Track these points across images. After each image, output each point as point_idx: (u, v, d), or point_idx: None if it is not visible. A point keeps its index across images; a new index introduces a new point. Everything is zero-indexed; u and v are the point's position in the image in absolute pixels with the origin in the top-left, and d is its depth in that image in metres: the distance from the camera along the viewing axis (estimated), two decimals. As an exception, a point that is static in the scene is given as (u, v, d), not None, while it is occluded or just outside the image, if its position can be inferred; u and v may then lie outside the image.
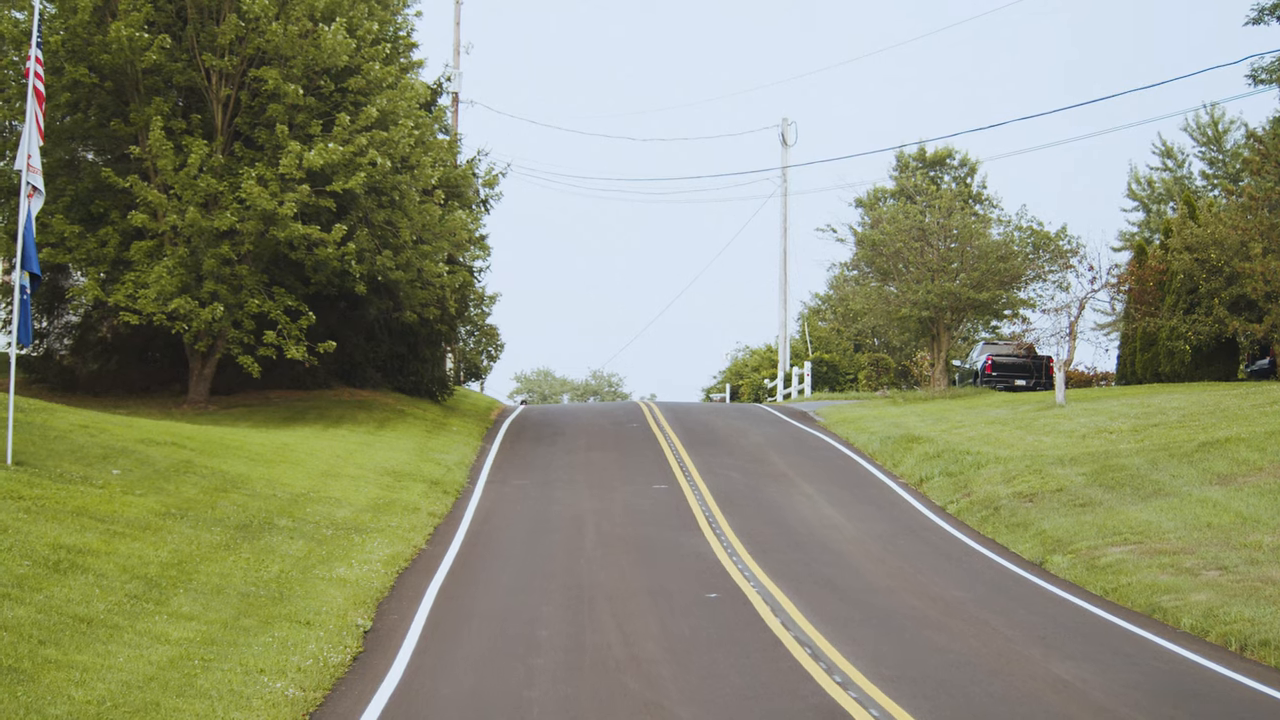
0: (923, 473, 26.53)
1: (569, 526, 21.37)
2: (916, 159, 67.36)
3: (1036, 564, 19.58)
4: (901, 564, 19.17)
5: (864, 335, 64.90)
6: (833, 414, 38.03)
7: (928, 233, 45.00)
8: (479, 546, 19.95)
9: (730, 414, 39.26)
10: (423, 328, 36.77)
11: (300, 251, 30.24)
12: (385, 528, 20.08)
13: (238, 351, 30.50)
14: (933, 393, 41.90)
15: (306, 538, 18.45)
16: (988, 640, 14.80)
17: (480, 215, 39.31)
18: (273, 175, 29.85)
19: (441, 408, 37.31)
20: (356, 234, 30.75)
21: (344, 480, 23.24)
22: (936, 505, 24.37)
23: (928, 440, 29.54)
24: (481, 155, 40.41)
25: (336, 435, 28.60)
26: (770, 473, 27.14)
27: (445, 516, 22.39)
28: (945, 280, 43.83)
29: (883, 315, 46.68)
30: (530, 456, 29.61)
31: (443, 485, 24.71)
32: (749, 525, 21.56)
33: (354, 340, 36.01)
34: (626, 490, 24.88)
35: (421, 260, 32.23)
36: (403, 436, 29.98)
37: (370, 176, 30.33)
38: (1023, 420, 31.53)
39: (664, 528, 21.33)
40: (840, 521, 22.19)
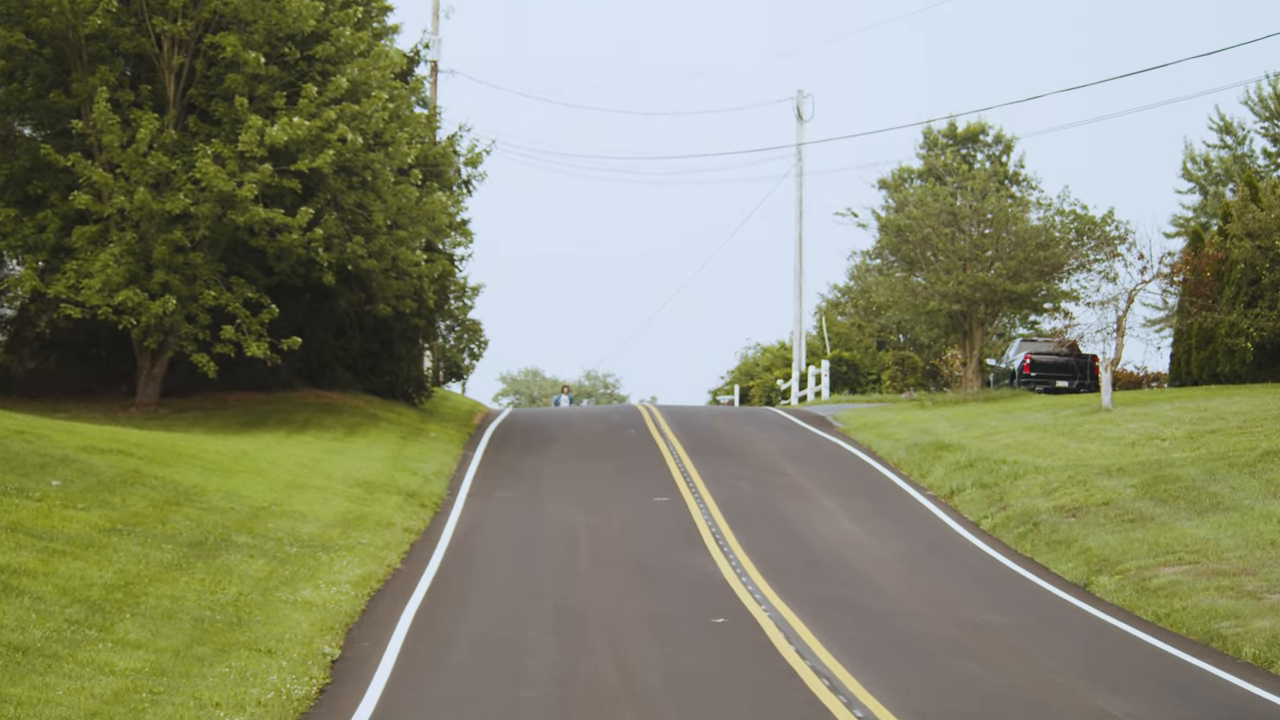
0: (953, 484, 26.51)
1: (560, 543, 21.34)
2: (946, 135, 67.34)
3: (1080, 586, 19.55)
4: (930, 585, 19.13)
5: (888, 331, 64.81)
6: (853, 418, 38.00)
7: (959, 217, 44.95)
8: (460, 566, 19.91)
9: (739, 418, 39.22)
10: (398, 322, 36.70)
11: (262, 238, 30.20)
12: (356, 545, 20.05)
13: (192, 349, 30.46)
14: (964, 395, 41.87)
15: (268, 556, 18.41)
16: (1026, 671, 14.76)
17: (462, 197, 39.28)
18: (231, 153, 29.80)
19: (419, 411, 37.28)
20: (324, 218, 30.71)
21: (310, 492, 23.21)
22: (969, 520, 24.35)
23: (959, 448, 29.51)
24: (463, 131, 40.40)
25: (301, 442, 28.56)
26: (784, 484, 27.11)
27: (423, 532, 22.37)
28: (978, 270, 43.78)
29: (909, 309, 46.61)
30: (517, 466, 29.58)
31: (420, 498, 24.67)
32: (760, 542, 21.52)
33: (321, 336, 35.95)
34: (624, 503, 24.85)
35: (396, 247, 32.19)
36: (375, 443, 29.94)
37: (340, 154, 30.28)
38: (1065, 426, 31.49)
39: (666, 545, 21.30)
40: (862, 538, 22.16)
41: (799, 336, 56.62)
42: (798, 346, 56.49)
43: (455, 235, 38.69)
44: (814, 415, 40.28)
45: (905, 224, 45.55)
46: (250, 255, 31.69)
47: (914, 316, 48.97)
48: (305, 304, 35.03)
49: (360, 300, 34.72)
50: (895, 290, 46.35)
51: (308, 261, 30.93)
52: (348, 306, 35.15)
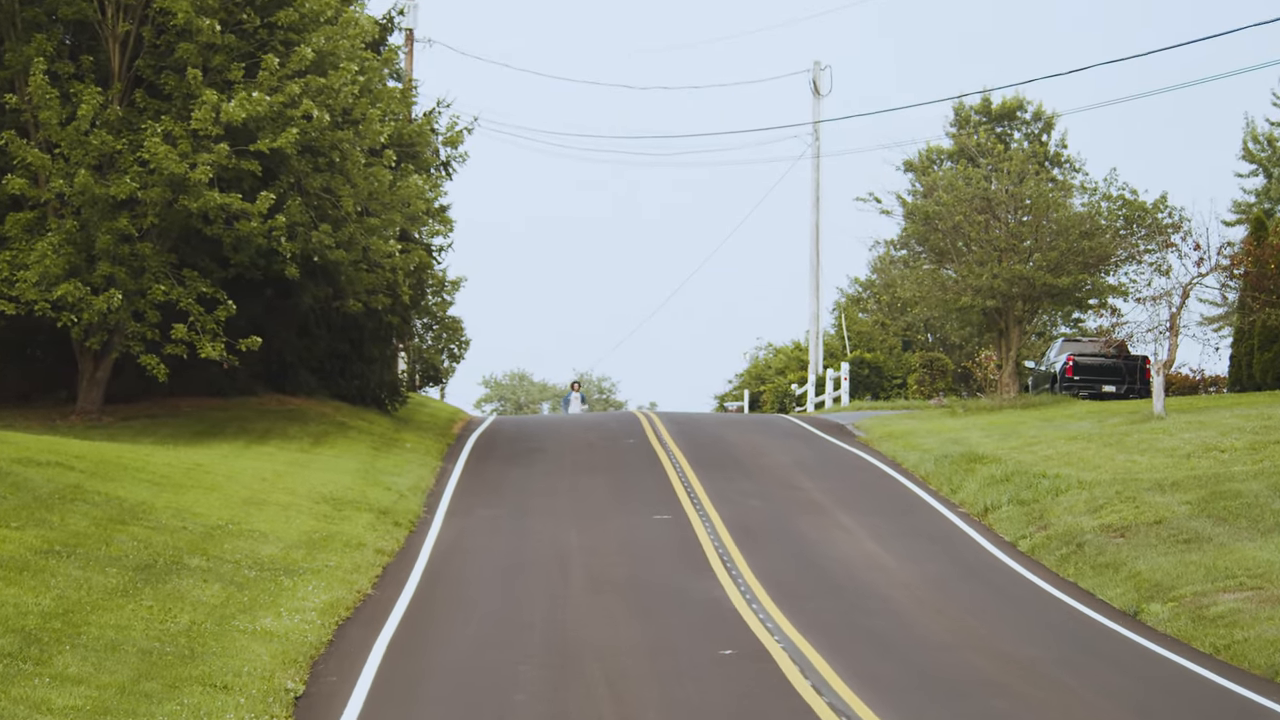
0: (988, 500, 26.50)
1: (550, 567, 21.32)
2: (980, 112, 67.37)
3: (1129, 614, 19.53)
4: (962, 614, 19.11)
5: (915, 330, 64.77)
6: (876, 427, 37.97)
7: (994, 203, 44.92)
8: (438, 591, 19.88)
9: (749, 427, 39.18)
10: (369, 320, 36.65)
11: (217, 226, 30.17)
12: (322, 568, 20.02)
13: (139, 349, 30.43)
14: (1000, 401, 41.84)
15: (224, 580, 18.38)
16: (1069, 710, 14.73)
17: (441, 181, 39.26)
18: (183, 131, 29.77)
19: (392, 419, 37.25)
20: (287, 204, 30.69)
21: (271, 509, 23.18)
22: (1005, 541, 24.33)
23: (994, 460, 29.50)
24: (442, 107, 40.36)
25: (262, 453, 28.52)
26: (799, 500, 27.10)
27: (397, 554, 22.35)
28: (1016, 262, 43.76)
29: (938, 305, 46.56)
30: (502, 480, 29.54)
31: (393, 515, 24.65)
32: (773, 565, 21.50)
33: (284, 336, 35.92)
34: (621, 521, 24.83)
35: (368, 237, 32.16)
36: (344, 455, 29.91)
37: (304, 133, 30.25)
38: (1112, 435, 31.46)
39: (668, 568, 21.28)
40: (886, 561, 22.15)
41: (815, 336, 56.61)
42: (814, 347, 56.48)
43: (433, 223, 38.66)
44: (832, 423, 40.23)
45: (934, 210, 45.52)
46: (204, 245, 31.65)
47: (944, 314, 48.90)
48: (266, 300, 34.99)
49: (327, 295, 34.68)
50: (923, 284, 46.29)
51: (269, 252, 30.89)
52: (313, 303, 35.10)
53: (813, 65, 57.50)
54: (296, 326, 36.46)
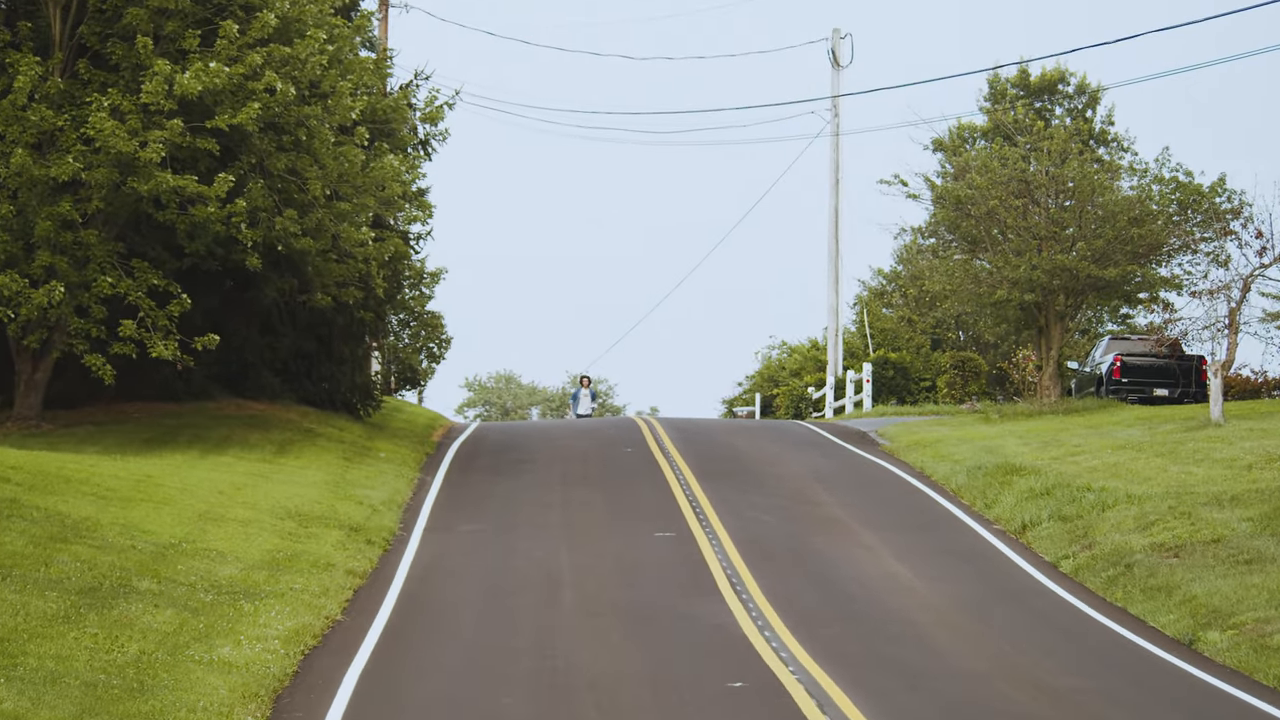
0: (1026, 516, 26.48)
1: (540, 589, 21.30)
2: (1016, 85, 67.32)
3: (1184, 643, 19.50)
4: (998, 641, 19.09)
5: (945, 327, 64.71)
6: (902, 434, 37.94)
7: (1033, 185, 44.89)
8: (416, 616, 19.86)
9: (760, 434, 39.15)
10: (339, 316, 36.62)
11: (170, 211, 30.14)
12: (286, 591, 20.00)
13: (83, 348, 30.39)
14: (1040, 406, 41.82)
15: (177, 605, 18.35)
16: (1118, 748, 14.70)
17: (419, 162, 39.21)
18: (132, 106, 29.74)
19: (365, 426, 37.23)
20: (248, 187, 30.66)
21: (229, 526, 23.16)
22: (1045, 561, 24.32)
23: (1033, 471, 29.48)
24: (420, 80, 40.31)
25: (220, 464, 28.51)
26: (816, 515, 27.08)
27: (370, 575, 22.34)
28: (1057, 251, 43.73)
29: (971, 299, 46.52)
30: (487, 493, 29.52)
31: (366, 532, 24.64)
32: (787, 587, 21.49)
33: (244, 333, 35.89)
34: (619, 539, 24.83)
35: (338, 223, 32.14)
36: (311, 465, 29.89)
37: (267, 108, 30.22)
38: (1164, 444, 31.43)
39: (670, 590, 21.26)
40: (913, 583, 22.13)
41: (835, 333, 56.59)
42: (833, 346, 56.44)
43: (410, 208, 38.61)
44: (853, 430, 40.20)
45: (966, 194, 45.49)
46: (156, 233, 31.62)
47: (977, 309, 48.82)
48: (224, 293, 34.95)
49: (293, 288, 34.64)
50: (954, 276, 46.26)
51: (227, 240, 30.86)
52: (277, 296, 35.06)
53: (831, 33, 57.47)
54: (258, 323, 36.41)
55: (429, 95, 38.88)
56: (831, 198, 57.22)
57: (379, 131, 35.25)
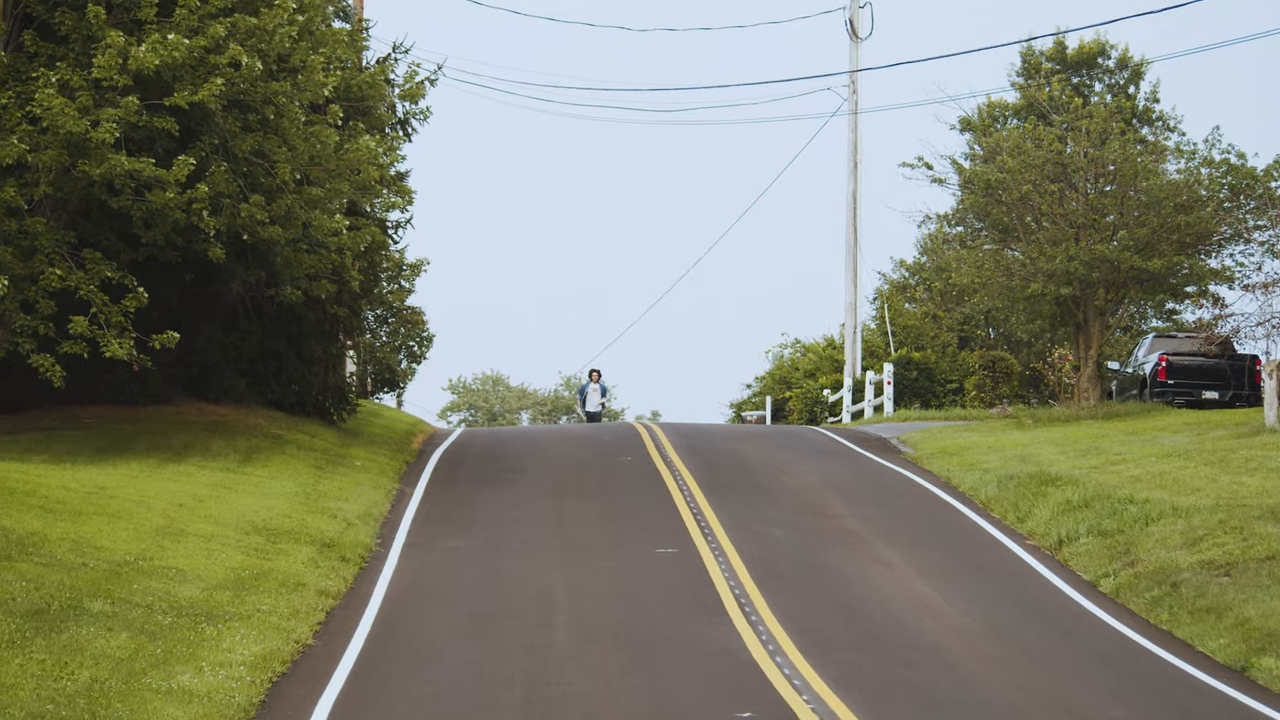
0: (1063, 530, 26.47)
1: (531, 611, 21.30)
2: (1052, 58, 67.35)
3: (1236, 669, 19.50)
4: (1031, 668, 19.08)
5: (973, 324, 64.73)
6: (926, 441, 37.94)
7: (1070, 169, 44.90)
8: (394, 641, 19.85)
9: (771, 441, 39.13)
10: (311, 312, 36.59)
11: (125, 197, 30.12)
12: (252, 613, 19.99)
13: (30, 347, 30.36)
14: (1078, 410, 41.82)
15: (133, 629, 18.34)
16: (1163, 785, 14.70)
17: (398, 143, 39.21)
18: (83, 81, 29.71)
19: (339, 432, 37.22)
20: (210, 171, 30.64)
21: (190, 542, 23.15)
22: (1083, 580, 24.32)
23: (1070, 481, 29.48)
24: (399, 53, 40.29)
25: (180, 473, 28.49)
26: (832, 530, 27.09)
27: (344, 596, 22.32)
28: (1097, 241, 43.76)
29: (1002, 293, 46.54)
30: (472, 505, 29.52)
31: (340, 549, 24.64)
32: (800, 609, 21.49)
33: (207, 331, 35.87)
34: (617, 556, 24.83)
35: (309, 210, 32.11)
36: (280, 475, 29.88)
37: (231, 84, 30.20)
38: (1215, 452, 31.42)
39: (673, 613, 21.26)
40: (938, 604, 22.13)
41: (853, 331, 56.59)
42: (851, 344, 56.45)
43: (388, 193, 38.63)
44: (873, 437, 40.17)
45: (997, 179, 45.50)
46: (110, 221, 31.59)
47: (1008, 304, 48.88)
48: (185, 287, 34.90)
49: (260, 282, 34.61)
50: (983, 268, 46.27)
51: (188, 229, 30.84)
52: (243, 290, 35.03)
53: (849, 2, 57.49)
54: (222, 320, 36.37)
55: (409, 70, 38.87)
56: (849, 182, 57.22)
57: (354, 110, 35.23)
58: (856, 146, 57.20)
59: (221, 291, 34.99)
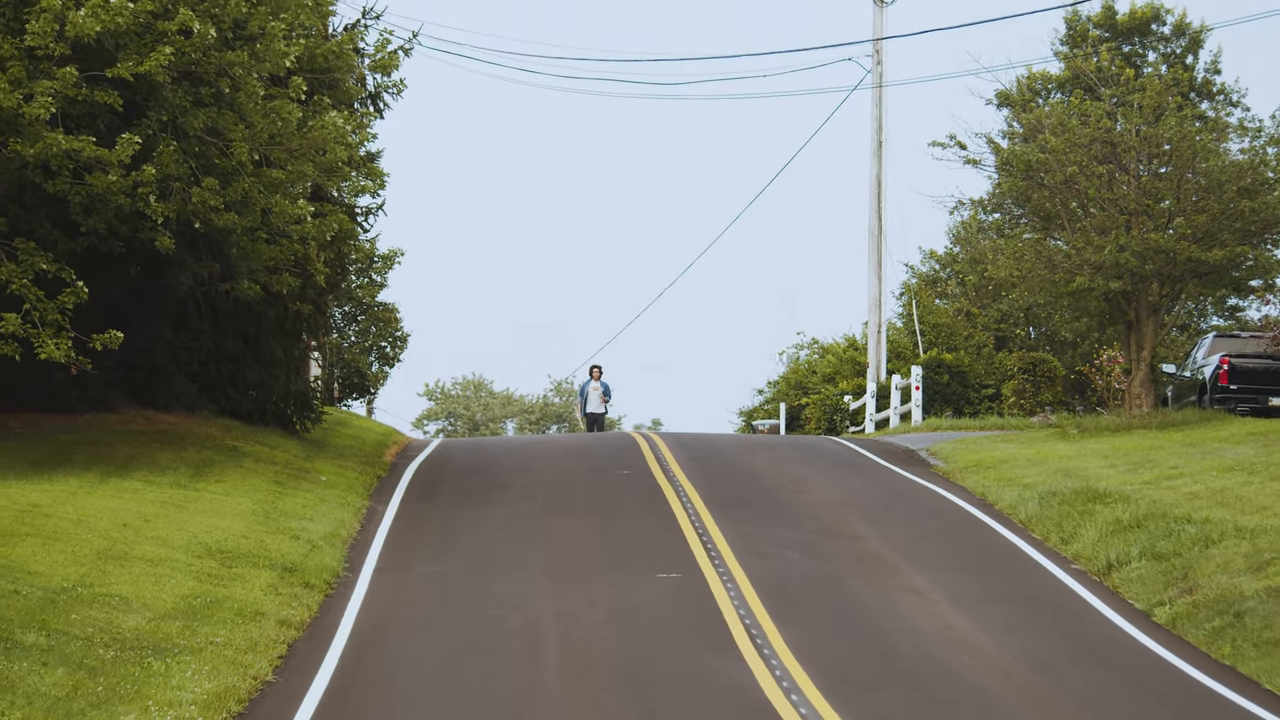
0: (1112, 553, 26.46)
1: (517, 644, 21.29)
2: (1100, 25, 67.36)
3: (1307, 709, 19.46)
4: (1076, 708, 19.08)
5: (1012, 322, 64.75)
6: (959, 453, 37.92)
7: (1120, 149, 44.89)
8: (364, 677, 19.83)
9: (786, 453, 39.11)
10: (270, 308, 36.56)
11: (63, 180, 30.10)
12: (205, 646, 19.96)
13: (-44, 348, 30.35)
14: (1129, 418, 41.81)
15: (71, 664, 18.30)
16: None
17: (368, 120, 39.19)
18: (15, 50, 29.70)
19: (302, 443, 37.20)
20: (158, 151, 30.63)
21: (135, 566, 23.12)
22: (1135, 609, 24.30)
23: (1120, 499, 29.46)
24: (369, 20, 40.27)
25: (123, 490, 28.46)
26: (854, 552, 27.08)
27: (308, 626, 22.31)
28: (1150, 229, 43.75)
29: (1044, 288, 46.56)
30: (452, 525, 29.51)
31: (303, 574, 24.62)
32: (818, 642, 21.48)
33: (154, 330, 35.84)
34: (613, 582, 24.84)
35: (268, 195, 32.10)
36: (236, 491, 29.86)
37: (181, 53, 30.18)
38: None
39: (676, 645, 21.25)
40: (974, 637, 22.10)
41: (877, 330, 56.58)
42: (875, 345, 56.43)
43: (358, 176, 38.62)
44: (899, 449, 40.16)
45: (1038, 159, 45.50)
46: (45, 207, 31.57)
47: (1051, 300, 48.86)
48: (129, 281, 34.89)
49: (213, 275, 34.59)
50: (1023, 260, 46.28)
51: (133, 216, 30.82)
52: (194, 285, 35.01)
53: (873, -38, 57.48)
54: (171, 318, 36.35)
55: (380, 38, 38.84)
56: (873, 164, 57.22)
57: (319, 83, 35.21)
58: (881, 124, 57.20)
59: (170, 286, 34.95)
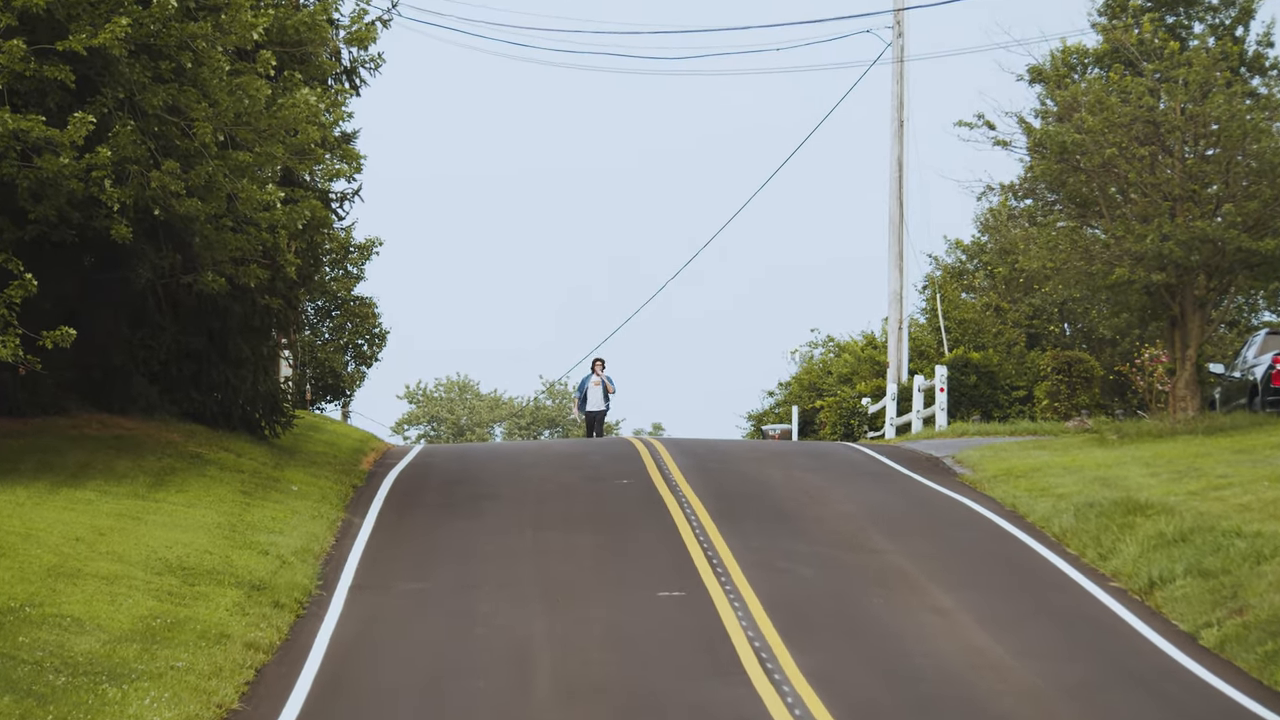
0: (1155, 570, 26.44)
1: (505, 670, 21.31)
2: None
3: (1367, 740, 19.48)
4: (1118, 739, 19.08)
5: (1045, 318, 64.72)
6: (988, 461, 37.92)
7: (1164, 129, 44.87)
8: (338, 706, 19.87)
9: (799, 460, 39.12)
10: (237, 303, 36.55)
11: (10, 163, 30.11)
12: (165, 671, 19.96)
13: (-106, 346, 30.36)
14: (1173, 422, 41.79)
15: (18, 690, 18.32)
16: None
17: (343, 98, 39.17)
18: (-41, 22, 29.70)
19: (271, 449, 37.19)
20: (114, 131, 30.62)
21: (89, 584, 23.12)
22: (1180, 631, 24.30)
23: (1164, 510, 29.46)
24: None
25: (76, 500, 28.46)
26: (873, 569, 27.10)
27: (278, 650, 22.32)
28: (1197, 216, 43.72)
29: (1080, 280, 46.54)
30: (434, 539, 29.54)
31: (273, 592, 24.62)
32: (834, 667, 21.50)
33: (110, 327, 35.83)
34: (610, 601, 24.87)
35: (235, 180, 32.10)
36: (199, 502, 29.87)
37: (140, 25, 30.17)
38: (1339, 474, 31.44)
39: (679, 671, 21.28)
40: (1004, 661, 22.11)
41: (898, 327, 56.58)
42: (896, 344, 56.44)
43: (332, 159, 38.59)
44: (923, 456, 40.16)
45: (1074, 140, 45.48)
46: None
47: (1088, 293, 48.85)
48: (83, 274, 34.88)
49: (174, 267, 34.58)
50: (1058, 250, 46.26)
51: (86, 202, 30.82)
52: (154, 277, 35.00)
53: (893, -76, 57.51)
54: (129, 313, 36.35)
55: (356, 9, 38.90)
56: (893, 146, 57.23)
57: (290, 57, 35.21)
58: (902, 101, 57.20)
59: (128, 279, 34.95)
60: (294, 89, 33.57)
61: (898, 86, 57.20)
